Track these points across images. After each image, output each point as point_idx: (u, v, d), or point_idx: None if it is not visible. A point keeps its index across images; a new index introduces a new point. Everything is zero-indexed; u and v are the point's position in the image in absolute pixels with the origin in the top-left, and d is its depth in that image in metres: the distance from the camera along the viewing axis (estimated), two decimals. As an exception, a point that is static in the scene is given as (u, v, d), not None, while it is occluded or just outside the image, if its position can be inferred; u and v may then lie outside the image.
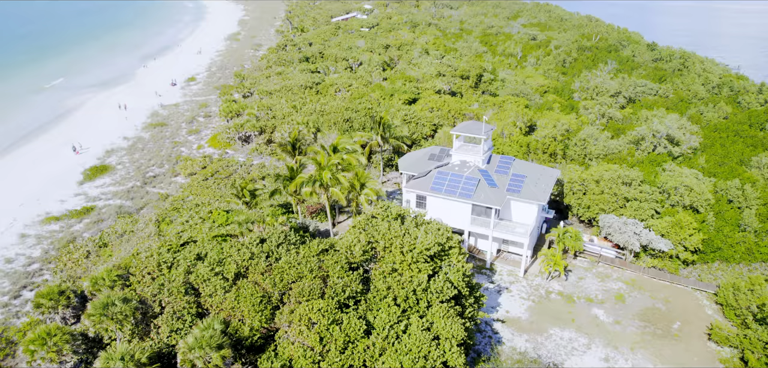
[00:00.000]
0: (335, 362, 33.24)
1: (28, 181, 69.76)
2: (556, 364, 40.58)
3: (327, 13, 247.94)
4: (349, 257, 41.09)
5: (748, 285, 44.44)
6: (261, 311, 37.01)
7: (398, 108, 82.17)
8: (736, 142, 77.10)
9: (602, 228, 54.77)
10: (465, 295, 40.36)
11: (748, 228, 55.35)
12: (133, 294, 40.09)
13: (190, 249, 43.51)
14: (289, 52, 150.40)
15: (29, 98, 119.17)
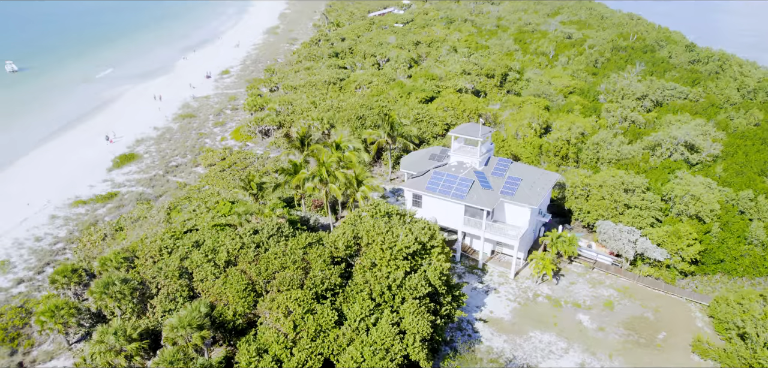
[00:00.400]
0: (305, 349, 35.39)
1: (64, 166, 75.49)
2: (530, 366, 41.34)
3: (365, 7, 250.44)
4: (333, 251, 43.18)
5: (737, 298, 43.64)
6: (244, 297, 39.65)
7: (412, 106, 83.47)
8: (761, 150, 74.15)
9: (599, 234, 54.56)
10: (442, 293, 41.69)
11: (756, 240, 53.76)
12: (136, 275, 43.64)
13: (189, 237, 46.73)
14: (321, 47, 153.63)
15: (77, 88, 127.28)
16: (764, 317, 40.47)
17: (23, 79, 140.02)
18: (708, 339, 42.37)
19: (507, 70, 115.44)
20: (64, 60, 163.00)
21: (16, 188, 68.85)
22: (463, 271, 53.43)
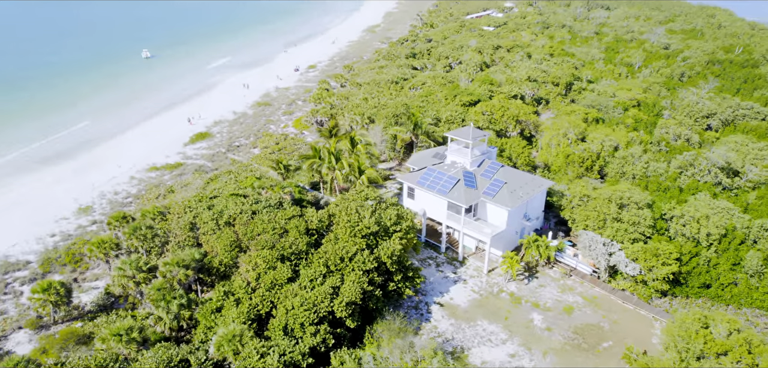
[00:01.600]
0: (260, 296, 43.61)
1: (153, 140, 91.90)
2: (462, 348, 45.66)
3: (465, 9, 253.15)
4: (309, 224, 50.95)
5: (694, 320, 43.51)
6: (229, 251, 49.01)
7: (452, 108, 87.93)
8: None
9: (579, 243, 55.96)
10: (393, 271, 47.55)
11: (750, 271, 51.59)
12: (164, 226, 55.22)
13: (209, 201, 57.38)
14: (404, 47, 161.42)
15: (191, 74, 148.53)
16: (706, 341, 40.56)
17: (152, 65, 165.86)
18: (638, 351, 43.19)
19: (572, 79, 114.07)
20: (191, 49, 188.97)
21: (114, 153, 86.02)
22: (443, 261, 58.20)
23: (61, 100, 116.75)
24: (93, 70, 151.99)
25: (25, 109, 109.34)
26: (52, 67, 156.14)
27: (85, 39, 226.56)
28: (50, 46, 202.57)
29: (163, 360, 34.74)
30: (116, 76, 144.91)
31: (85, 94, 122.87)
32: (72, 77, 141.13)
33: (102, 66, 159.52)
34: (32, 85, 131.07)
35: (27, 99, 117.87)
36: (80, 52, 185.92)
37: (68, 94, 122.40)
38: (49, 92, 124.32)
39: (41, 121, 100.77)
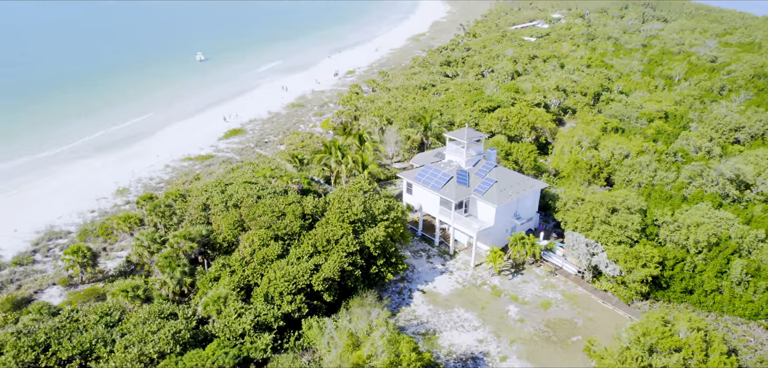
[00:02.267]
0: (252, 268, 48.67)
1: (190, 135, 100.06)
2: (435, 331, 48.77)
3: (512, 20, 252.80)
4: (304, 210, 55.70)
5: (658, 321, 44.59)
6: (232, 229, 54.51)
7: (468, 113, 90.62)
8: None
9: (566, 243, 57.58)
10: (375, 256, 51.45)
11: (734, 279, 51.56)
12: (183, 206, 61.75)
13: (222, 186, 63.42)
14: (442, 55, 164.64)
15: (238, 76, 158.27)
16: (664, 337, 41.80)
17: (205, 67, 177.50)
18: (599, 343, 44.63)
19: (601, 90, 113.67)
20: (244, 53, 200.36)
21: (155, 145, 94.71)
22: (435, 254, 61.37)
23: (120, 96, 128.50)
24: (150, 70, 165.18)
25: (90, 103, 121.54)
26: (116, 66, 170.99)
27: (150, 39, 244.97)
28: (117, 45, 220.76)
29: (154, 311, 40.32)
30: (169, 76, 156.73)
31: (140, 92, 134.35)
32: (133, 75, 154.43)
33: (159, 66, 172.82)
34: (99, 81, 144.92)
35: (92, 94, 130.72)
36: (142, 53, 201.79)
37: (127, 91, 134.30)
38: (111, 88, 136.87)
39: (101, 115, 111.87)
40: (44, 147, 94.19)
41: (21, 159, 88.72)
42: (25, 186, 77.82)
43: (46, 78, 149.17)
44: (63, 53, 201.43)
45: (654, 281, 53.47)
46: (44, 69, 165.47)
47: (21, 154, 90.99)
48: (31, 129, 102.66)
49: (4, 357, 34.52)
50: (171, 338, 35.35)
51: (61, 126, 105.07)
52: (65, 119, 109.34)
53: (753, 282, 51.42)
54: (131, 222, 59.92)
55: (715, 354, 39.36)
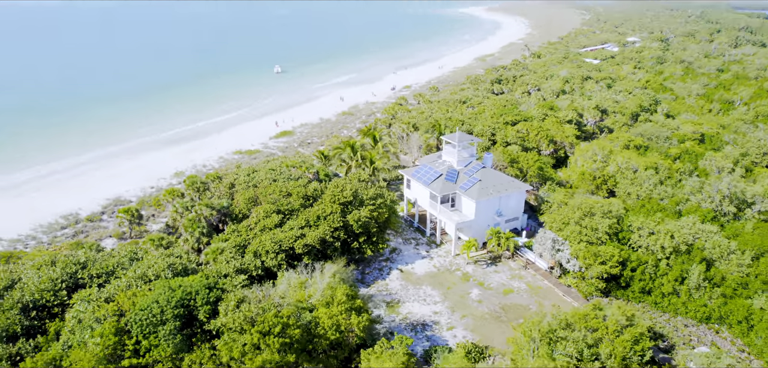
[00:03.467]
0: (253, 234, 59.03)
1: (247, 134, 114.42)
2: (399, 301, 55.97)
3: (587, 42, 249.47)
4: (306, 191, 65.46)
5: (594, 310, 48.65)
6: (247, 204, 65.48)
7: (491, 123, 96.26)
8: None
9: (536, 240, 62.23)
10: (357, 233, 59.88)
11: (692, 284, 53.72)
12: (218, 184, 74.14)
13: (249, 171, 75.06)
14: (497, 73, 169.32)
15: (309, 87, 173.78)
16: (588, 321, 46.15)
17: (280, 79, 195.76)
18: (532, 322, 49.26)
19: (639, 110, 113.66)
20: (321, 67, 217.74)
21: (216, 141, 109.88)
22: (424, 243, 68.40)
23: (199, 101, 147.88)
24: (232, 79, 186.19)
25: (173, 105, 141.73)
26: (207, 74, 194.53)
27: (243, 51, 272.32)
28: (215, 56, 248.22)
29: (166, 253, 51.69)
30: (246, 85, 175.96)
31: (217, 97, 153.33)
32: (217, 83, 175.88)
33: (240, 76, 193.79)
34: (188, 87, 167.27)
35: (178, 95, 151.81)
36: (231, 64, 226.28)
37: (205, 97, 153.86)
38: (193, 94, 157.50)
39: (179, 116, 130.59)
40: (131, 137, 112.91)
41: (114, 147, 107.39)
42: (108, 167, 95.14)
43: (154, 82, 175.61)
44: (168, 62, 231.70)
45: (615, 280, 56.85)
46: (156, 75, 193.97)
47: (114, 142, 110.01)
48: (126, 123, 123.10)
49: (55, 267, 47.24)
50: (167, 267, 46.22)
51: (148, 121, 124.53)
52: (151, 116, 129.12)
53: (709, 287, 53.33)
54: (174, 195, 73.10)
55: (629, 333, 43.27)
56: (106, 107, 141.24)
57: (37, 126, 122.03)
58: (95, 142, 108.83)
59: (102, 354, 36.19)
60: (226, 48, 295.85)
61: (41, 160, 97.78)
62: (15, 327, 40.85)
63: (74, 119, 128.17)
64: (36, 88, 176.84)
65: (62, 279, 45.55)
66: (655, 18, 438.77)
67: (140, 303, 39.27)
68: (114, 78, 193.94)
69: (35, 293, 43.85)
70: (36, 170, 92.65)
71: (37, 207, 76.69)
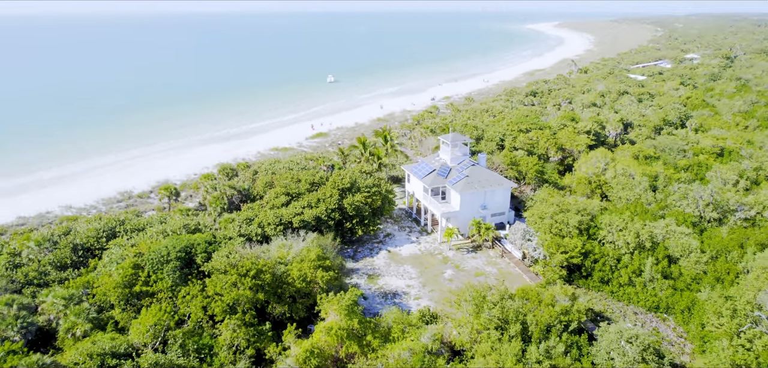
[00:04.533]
0: (267, 210, 69.46)
1: (287, 135, 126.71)
2: (379, 274, 64.08)
3: (646, 57, 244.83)
4: (306, 175, 75.24)
5: (543, 290, 54.41)
6: (263, 187, 76.24)
7: (503, 130, 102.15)
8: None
9: (510, 230, 68.17)
10: (351, 215, 68.78)
11: (646, 276, 57.92)
12: (246, 171, 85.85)
13: (273, 162, 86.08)
14: (537, 86, 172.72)
15: (353, 96, 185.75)
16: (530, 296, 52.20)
17: (332, 87, 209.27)
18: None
19: (662, 124, 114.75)
20: (373, 78, 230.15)
21: (258, 140, 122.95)
22: (417, 230, 76.06)
23: (250, 106, 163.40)
24: (286, 87, 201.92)
25: (234, 107, 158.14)
26: (264, 82, 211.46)
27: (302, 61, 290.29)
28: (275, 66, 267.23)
29: (187, 219, 63.05)
30: (302, 92, 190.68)
31: (267, 103, 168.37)
32: (270, 91, 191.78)
33: (294, 84, 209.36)
34: (249, 90, 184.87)
35: (239, 99, 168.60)
36: (288, 72, 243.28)
37: (257, 103, 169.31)
38: (247, 100, 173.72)
39: (231, 118, 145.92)
40: (190, 134, 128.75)
41: (173, 142, 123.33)
42: (163, 158, 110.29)
43: (225, 84, 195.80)
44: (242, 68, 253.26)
45: (578, 269, 61.90)
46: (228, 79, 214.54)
47: (173, 138, 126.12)
48: (189, 121, 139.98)
49: (100, 223, 59.79)
50: (182, 226, 57.36)
51: (208, 120, 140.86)
52: (212, 116, 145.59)
53: (660, 279, 57.35)
54: (208, 179, 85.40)
55: (560, 306, 49.05)
56: (178, 105, 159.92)
57: (113, 122, 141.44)
58: (157, 136, 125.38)
59: (121, 280, 47.34)
60: (298, 58, 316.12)
61: (111, 149, 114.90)
62: (66, 260, 53.30)
63: (145, 116, 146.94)
64: (126, 90, 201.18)
65: (104, 231, 57.93)
66: (732, 34, 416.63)
67: (154, 247, 50.31)
68: (193, 79, 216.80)
69: (83, 238, 56.37)
70: (104, 158, 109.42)
71: (101, 185, 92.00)
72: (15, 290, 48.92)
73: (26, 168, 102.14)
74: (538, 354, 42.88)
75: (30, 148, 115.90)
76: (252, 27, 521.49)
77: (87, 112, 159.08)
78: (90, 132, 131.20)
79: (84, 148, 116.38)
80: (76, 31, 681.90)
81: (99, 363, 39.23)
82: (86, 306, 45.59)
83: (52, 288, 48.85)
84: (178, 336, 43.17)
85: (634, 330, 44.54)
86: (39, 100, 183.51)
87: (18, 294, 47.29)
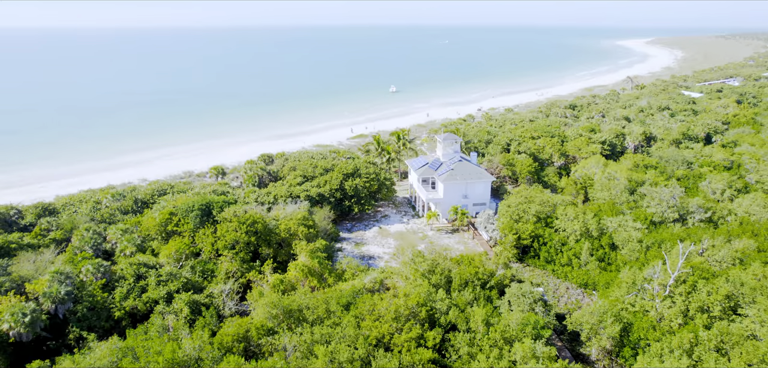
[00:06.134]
0: (281, 185, 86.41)
1: (335, 135, 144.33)
2: (365, 243, 78.20)
3: (716, 75, 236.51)
4: (322, 163, 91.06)
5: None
6: (288, 171, 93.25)
7: (517, 136, 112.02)
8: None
9: (479, 215, 79.29)
10: (349, 195, 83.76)
11: (582, 258, 67.11)
12: (281, 158, 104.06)
13: (307, 153, 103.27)
14: (584, 100, 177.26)
15: (406, 104, 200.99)
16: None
17: (392, 97, 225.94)
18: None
19: (681, 137, 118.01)
20: (433, 88, 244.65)
21: (307, 138, 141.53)
22: (411, 213, 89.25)
23: (310, 110, 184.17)
24: (353, 95, 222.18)
25: (300, 110, 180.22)
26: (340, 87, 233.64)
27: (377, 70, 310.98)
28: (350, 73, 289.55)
29: (219, 187, 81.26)
30: (364, 99, 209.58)
31: (339, 106, 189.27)
32: (339, 96, 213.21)
33: (364, 91, 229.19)
34: (319, 97, 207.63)
35: (305, 105, 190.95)
36: (358, 81, 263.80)
37: (322, 108, 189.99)
38: (324, 102, 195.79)
39: (297, 118, 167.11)
40: (253, 131, 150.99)
41: (237, 137, 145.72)
42: (224, 149, 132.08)
43: (299, 91, 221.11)
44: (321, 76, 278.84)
45: (529, 250, 72.05)
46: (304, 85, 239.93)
47: (239, 133, 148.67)
48: (252, 123, 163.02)
49: (156, 186, 79.67)
50: (211, 191, 75.47)
51: (273, 121, 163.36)
52: (279, 116, 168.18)
53: (592, 262, 66.32)
54: (250, 163, 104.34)
55: (484, 268, 60.62)
56: (248, 108, 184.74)
57: (190, 120, 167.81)
58: (224, 132, 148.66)
59: (159, 222, 65.84)
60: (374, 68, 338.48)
61: (184, 141, 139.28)
62: (128, 208, 73.30)
63: (218, 116, 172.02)
64: (207, 93, 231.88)
65: (157, 190, 77.71)
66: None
67: (184, 201, 68.54)
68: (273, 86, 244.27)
69: (142, 194, 76.34)
70: (177, 147, 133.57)
71: (172, 166, 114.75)
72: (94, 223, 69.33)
73: (120, 152, 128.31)
74: (448, 298, 55.04)
75: (124, 138, 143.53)
76: (357, 39, 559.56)
77: (171, 111, 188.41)
78: (168, 127, 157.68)
79: (163, 139, 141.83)
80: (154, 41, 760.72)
81: (136, 270, 57.31)
82: (135, 236, 64.42)
83: (116, 224, 68.56)
84: (191, 261, 60.50)
85: (529, 288, 55.19)
86: (132, 100, 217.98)
87: (94, 224, 67.36)
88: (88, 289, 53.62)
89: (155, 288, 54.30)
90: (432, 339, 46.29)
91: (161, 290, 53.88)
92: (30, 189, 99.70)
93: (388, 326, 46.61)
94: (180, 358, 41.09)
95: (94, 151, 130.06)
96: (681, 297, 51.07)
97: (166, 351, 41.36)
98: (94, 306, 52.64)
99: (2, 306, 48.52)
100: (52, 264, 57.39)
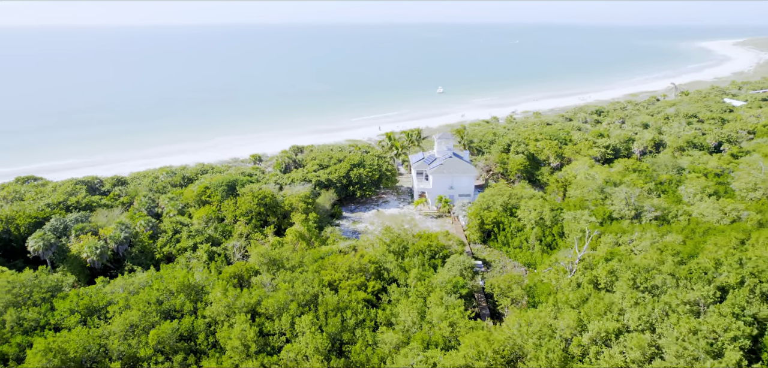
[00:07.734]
0: (298, 171, 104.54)
1: (365, 132, 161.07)
2: (361, 221, 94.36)
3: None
4: (338, 155, 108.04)
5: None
6: (309, 159, 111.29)
7: (522, 137, 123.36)
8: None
9: (455, 204, 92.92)
10: (354, 182, 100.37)
11: (530, 242, 79.45)
12: (310, 151, 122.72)
13: (324, 146, 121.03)
14: (618, 104, 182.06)
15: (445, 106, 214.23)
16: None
17: (438, 97, 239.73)
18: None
19: (684, 145, 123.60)
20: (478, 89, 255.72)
21: (346, 134, 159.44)
22: (409, 201, 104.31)
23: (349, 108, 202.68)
24: (402, 92, 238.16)
25: (348, 105, 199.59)
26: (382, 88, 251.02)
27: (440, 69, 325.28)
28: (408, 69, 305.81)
29: (248, 169, 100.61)
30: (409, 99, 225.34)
31: (384, 105, 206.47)
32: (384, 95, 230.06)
33: (411, 90, 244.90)
34: (367, 93, 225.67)
35: (353, 100, 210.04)
36: (409, 80, 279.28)
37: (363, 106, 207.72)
38: (368, 99, 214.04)
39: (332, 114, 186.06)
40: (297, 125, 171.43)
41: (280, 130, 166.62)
42: (266, 141, 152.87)
43: (355, 87, 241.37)
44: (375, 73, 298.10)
45: (491, 234, 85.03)
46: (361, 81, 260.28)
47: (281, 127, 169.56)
48: (305, 116, 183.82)
49: (201, 166, 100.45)
50: (241, 172, 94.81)
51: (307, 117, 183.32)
52: (326, 113, 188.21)
53: (538, 246, 78.47)
54: (283, 153, 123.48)
55: (440, 246, 75.13)
56: (295, 100, 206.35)
57: (240, 114, 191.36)
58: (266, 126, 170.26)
59: (196, 193, 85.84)
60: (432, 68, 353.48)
61: (234, 131, 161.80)
62: (177, 181, 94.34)
63: (268, 110, 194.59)
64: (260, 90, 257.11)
65: (200, 170, 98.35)
66: None
67: (217, 179, 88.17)
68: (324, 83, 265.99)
69: (189, 173, 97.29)
70: (229, 137, 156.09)
71: (222, 153, 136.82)
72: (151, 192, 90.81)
73: (179, 140, 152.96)
74: (398, 261, 70.16)
75: (180, 129, 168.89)
76: (432, 39, 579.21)
77: (225, 106, 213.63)
78: (218, 119, 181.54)
79: (216, 130, 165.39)
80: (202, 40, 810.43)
81: (174, 227, 77.25)
82: (178, 203, 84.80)
83: (166, 193, 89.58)
84: (215, 223, 79.81)
85: (468, 260, 69.04)
86: (191, 96, 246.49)
87: (151, 193, 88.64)
88: (140, 238, 73.94)
89: (186, 240, 73.69)
90: (371, 286, 61.74)
91: (190, 241, 73.18)
92: (112, 167, 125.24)
93: (340, 275, 62.55)
94: (190, 283, 59.55)
95: (167, 140, 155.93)
96: (579, 272, 63.04)
97: (181, 277, 59.95)
98: (142, 250, 72.85)
99: (84, 243, 69.69)
100: (117, 219, 78.60)
